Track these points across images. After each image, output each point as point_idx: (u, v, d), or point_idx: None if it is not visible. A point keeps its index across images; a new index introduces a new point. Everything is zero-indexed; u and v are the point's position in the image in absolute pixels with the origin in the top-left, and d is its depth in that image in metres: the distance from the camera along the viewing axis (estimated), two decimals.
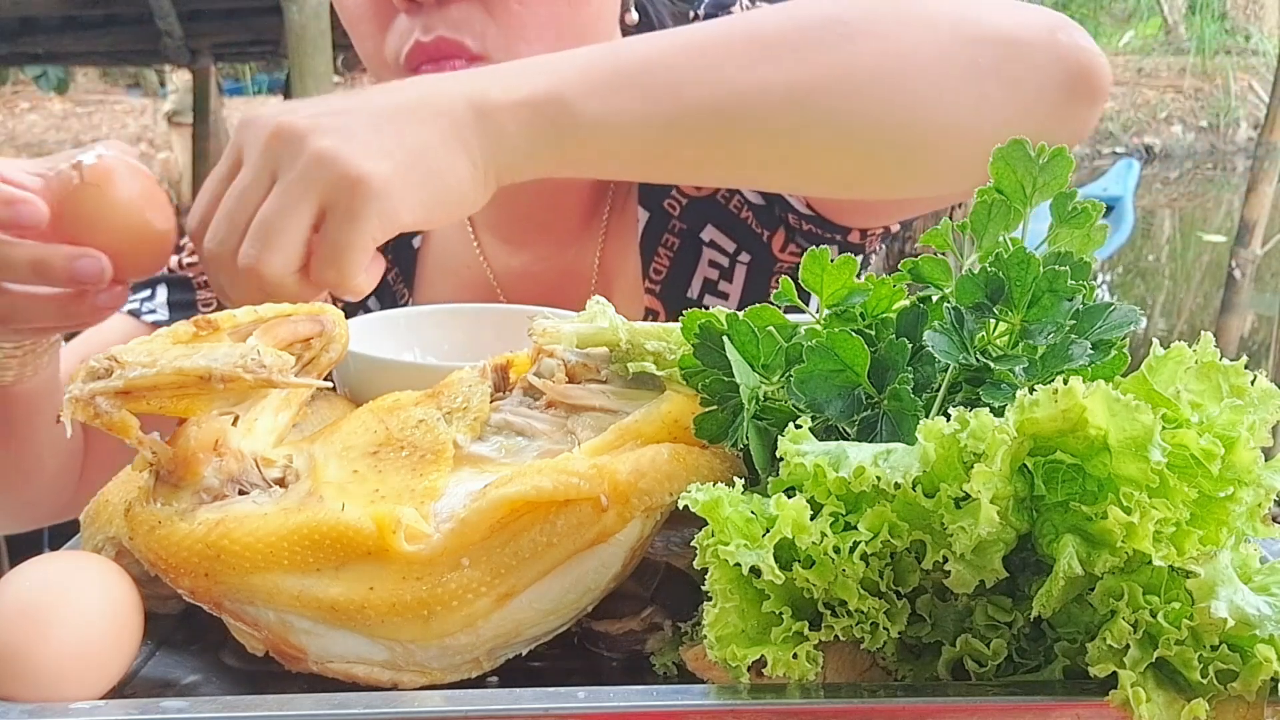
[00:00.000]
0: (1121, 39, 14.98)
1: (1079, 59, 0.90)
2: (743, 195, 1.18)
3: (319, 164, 0.77)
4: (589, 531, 0.60)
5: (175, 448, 0.65)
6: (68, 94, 13.00)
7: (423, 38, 1.03)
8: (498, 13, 1.04)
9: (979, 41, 0.89)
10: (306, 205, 0.78)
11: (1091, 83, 0.91)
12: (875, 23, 0.89)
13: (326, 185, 0.77)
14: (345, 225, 0.78)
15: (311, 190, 0.77)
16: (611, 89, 0.86)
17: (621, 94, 0.86)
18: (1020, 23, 0.90)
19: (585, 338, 0.72)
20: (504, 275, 1.25)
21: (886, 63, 0.88)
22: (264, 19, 6.49)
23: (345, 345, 0.80)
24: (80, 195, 0.81)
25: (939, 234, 0.67)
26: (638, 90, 0.86)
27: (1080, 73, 0.90)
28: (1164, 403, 0.54)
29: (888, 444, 0.57)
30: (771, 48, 0.88)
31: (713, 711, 0.54)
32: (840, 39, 0.88)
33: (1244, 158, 11.78)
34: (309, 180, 0.77)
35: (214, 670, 0.65)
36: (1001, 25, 0.90)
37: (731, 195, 1.19)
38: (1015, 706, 0.53)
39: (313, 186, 0.77)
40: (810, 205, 1.13)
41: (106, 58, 8.65)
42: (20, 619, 0.57)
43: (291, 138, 0.78)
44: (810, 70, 0.87)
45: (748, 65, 0.87)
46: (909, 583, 0.56)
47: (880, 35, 0.88)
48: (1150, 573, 0.53)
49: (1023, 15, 0.91)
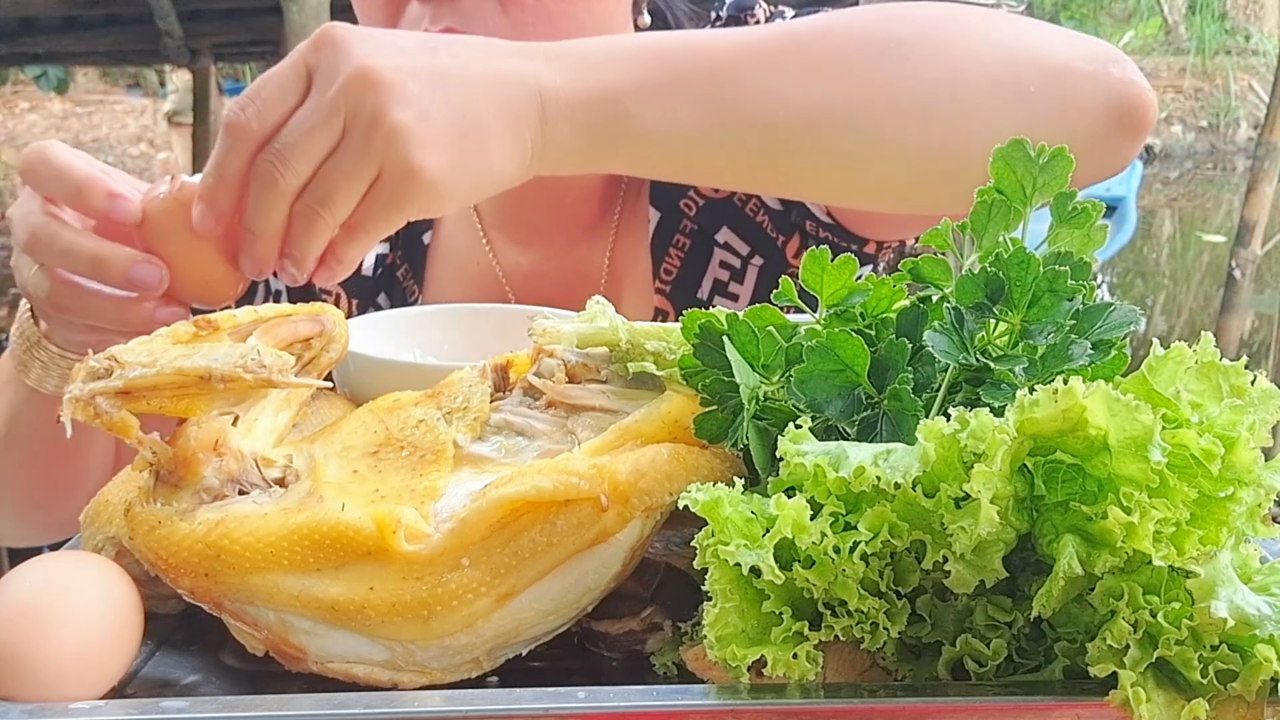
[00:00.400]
0: (1121, 39, 14.97)
1: (1128, 93, 0.91)
2: (760, 200, 1.19)
3: (389, 140, 0.77)
4: (589, 531, 0.60)
5: (175, 448, 0.65)
6: (68, 94, 13.01)
7: (430, 27, 1.03)
8: (510, 7, 1.04)
9: (1031, 68, 0.89)
10: (367, 173, 0.79)
11: (1137, 117, 0.92)
12: (933, 45, 0.90)
13: (387, 162, 0.78)
14: (387, 206, 0.80)
15: (375, 162, 0.78)
16: (672, 96, 0.86)
17: (681, 103, 0.87)
18: (1073, 53, 0.91)
19: (585, 338, 0.72)
20: (513, 273, 1.25)
21: (941, 87, 0.89)
22: (264, 19, 6.49)
23: (345, 345, 0.80)
24: (164, 209, 0.83)
25: (939, 234, 0.67)
26: (697, 100, 0.87)
27: (1128, 107, 0.91)
28: (1164, 403, 0.54)
29: (888, 444, 0.57)
30: (832, 67, 0.89)
31: (713, 711, 0.54)
32: (899, 61, 0.89)
33: (1244, 158, 11.78)
34: (375, 152, 0.78)
35: (214, 670, 0.65)
36: (1055, 54, 0.91)
37: (748, 199, 1.19)
38: (1015, 706, 0.53)
39: (377, 158, 0.78)
40: (831, 214, 1.14)
41: (106, 58, 8.65)
42: (20, 619, 0.57)
43: (373, 89, 0.78)
44: (869, 93, 0.88)
45: (809, 84, 0.88)
46: (909, 583, 0.56)
47: (937, 58, 0.90)
48: (1150, 573, 0.53)
49: (1076, 46, 0.92)
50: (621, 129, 0.86)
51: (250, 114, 0.79)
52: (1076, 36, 0.94)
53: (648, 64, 0.87)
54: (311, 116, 0.79)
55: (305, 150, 0.78)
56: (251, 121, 0.79)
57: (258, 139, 0.79)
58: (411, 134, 0.78)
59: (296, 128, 0.79)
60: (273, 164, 0.78)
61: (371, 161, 0.78)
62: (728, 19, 1.21)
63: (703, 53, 0.89)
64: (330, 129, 0.78)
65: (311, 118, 0.79)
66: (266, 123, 0.79)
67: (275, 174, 0.78)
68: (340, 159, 0.78)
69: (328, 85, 0.78)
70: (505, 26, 1.04)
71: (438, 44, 0.83)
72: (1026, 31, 0.93)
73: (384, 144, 0.77)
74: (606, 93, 0.85)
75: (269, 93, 0.79)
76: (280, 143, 0.79)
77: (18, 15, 6.33)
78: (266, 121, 0.79)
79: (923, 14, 0.95)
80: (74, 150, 0.89)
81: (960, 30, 0.92)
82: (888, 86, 0.89)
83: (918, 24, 0.92)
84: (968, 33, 0.92)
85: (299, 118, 0.79)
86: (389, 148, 0.78)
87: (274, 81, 0.80)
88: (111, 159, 12.13)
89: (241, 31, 7.19)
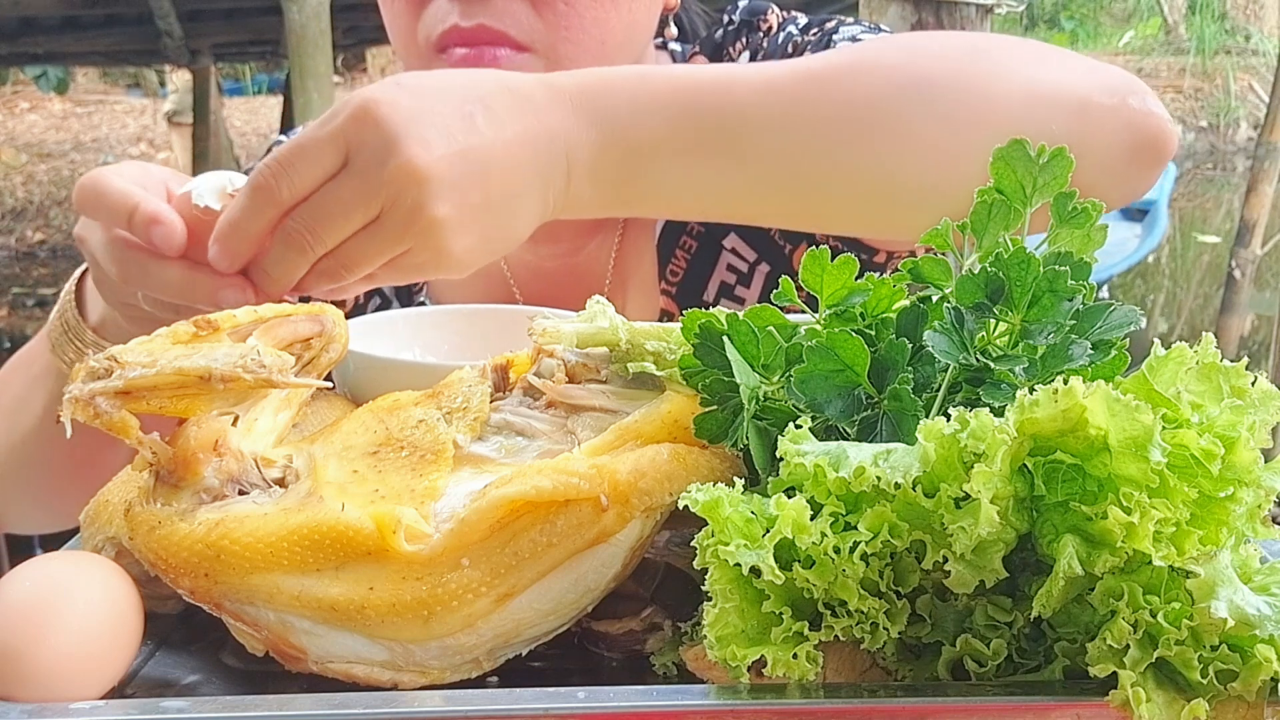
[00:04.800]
0: (1121, 39, 14.98)
1: (1148, 125, 0.91)
2: None
3: (427, 232, 0.79)
4: (589, 531, 0.60)
5: (175, 448, 0.65)
6: (68, 94, 13.02)
7: (463, 23, 1.03)
8: (542, 9, 1.04)
9: (1052, 106, 0.89)
10: (394, 248, 0.81)
11: (1156, 149, 0.91)
12: (960, 84, 0.90)
13: (419, 246, 0.80)
14: (407, 273, 0.83)
15: (405, 240, 0.80)
16: (696, 155, 0.87)
17: (704, 160, 0.87)
18: (1093, 86, 0.91)
19: (585, 338, 0.72)
20: (519, 270, 1.25)
21: (965, 130, 0.88)
22: (264, 19, 6.50)
23: (345, 345, 0.80)
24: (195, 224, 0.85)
25: (939, 234, 0.67)
26: (721, 156, 0.88)
27: (1148, 140, 0.91)
28: (1164, 403, 0.54)
29: (888, 444, 0.57)
30: (857, 111, 0.89)
31: (713, 711, 0.54)
32: (927, 103, 0.89)
33: (1244, 158, 11.79)
34: (410, 237, 0.80)
35: (214, 670, 0.65)
36: (1076, 89, 0.90)
37: None
38: (1015, 706, 0.53)
39: (408, 238, 0.80)
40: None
41: (106, 58, 8.66)
42: (20, 619, 0.57)
43: (417, 187, 0.78)
44: (895, 141, 0.89)
45: (834, 130, 0.89)
46: (909, 583, 0.56)
47: (964, 98, 0.89)
48: (1150, 573, 0.53)
49: (1096, 78, 0.92)
50: (643, 186, 0.87)
51: (281, 181, 0.79)
52: (1095, 66, 0.94)
53: (673, 121, 0.87)
54: (350, 198, 0.79)
55: (338, 227, 0.80)
56: (282, 190, 0.79)
57: (285, 206, 0.80)
58: (449, 225, 0.80)
59: (333, 201, 0.79)
60: (303, 232, 0.80)
61: (404, 244, 0.80)
62: (740, 23, 1.21)
63: (728, 104, 0.88)
64: (367, 212, 0.80)
65: (350, 199, 0.79)
66: (297, 192, 0.80)
67: (305, 242, 0.80)
68: (374, 236, 0.80)
69: (369, 171, 0.79)
70: (538, 28, 1.04)
71: (474, 108, 0.82)
72: (1047, 64, 0.93)
73: (421, 234, 0.80)
74: (630, 152, 0.86)
75: (303, 166, 0.79)
76: (313, 213, 0.80)
77: (18, 15, 6.33)
78: (297, 191, 0.80)
79: (946, 50, 0.95)
80: (121, 173, 0.90)
81: (986, 68, 0.91)
82: (911, 132, 0.89)
83: (943, 61, 0.92)
84: (994, 71, 0.91)
85: (336, 191, 0.79)
86: (425, 237, 0.80)
87: (310, 153, 0.80)
88: (111, 159, 12.13)
89: (241, 31, 7.20)
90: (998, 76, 0.91)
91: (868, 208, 0.93)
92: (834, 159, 0.89)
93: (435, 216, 0.79)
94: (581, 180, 0.86)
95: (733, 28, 1.21)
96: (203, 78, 8.17)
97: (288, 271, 0.81)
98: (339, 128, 0.79)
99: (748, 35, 1.21)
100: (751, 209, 0.94)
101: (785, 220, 0.99)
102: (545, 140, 0.84)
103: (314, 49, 5.20)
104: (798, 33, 1.17)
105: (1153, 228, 7.39)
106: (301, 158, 0.79)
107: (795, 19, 1.19)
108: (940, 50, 0.95)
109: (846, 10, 7.07)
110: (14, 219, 10.53)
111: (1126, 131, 0.90)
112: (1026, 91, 0.90)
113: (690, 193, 0.89)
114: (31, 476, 1.14)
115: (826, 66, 0.92)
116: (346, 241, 0.80)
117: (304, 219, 0.80)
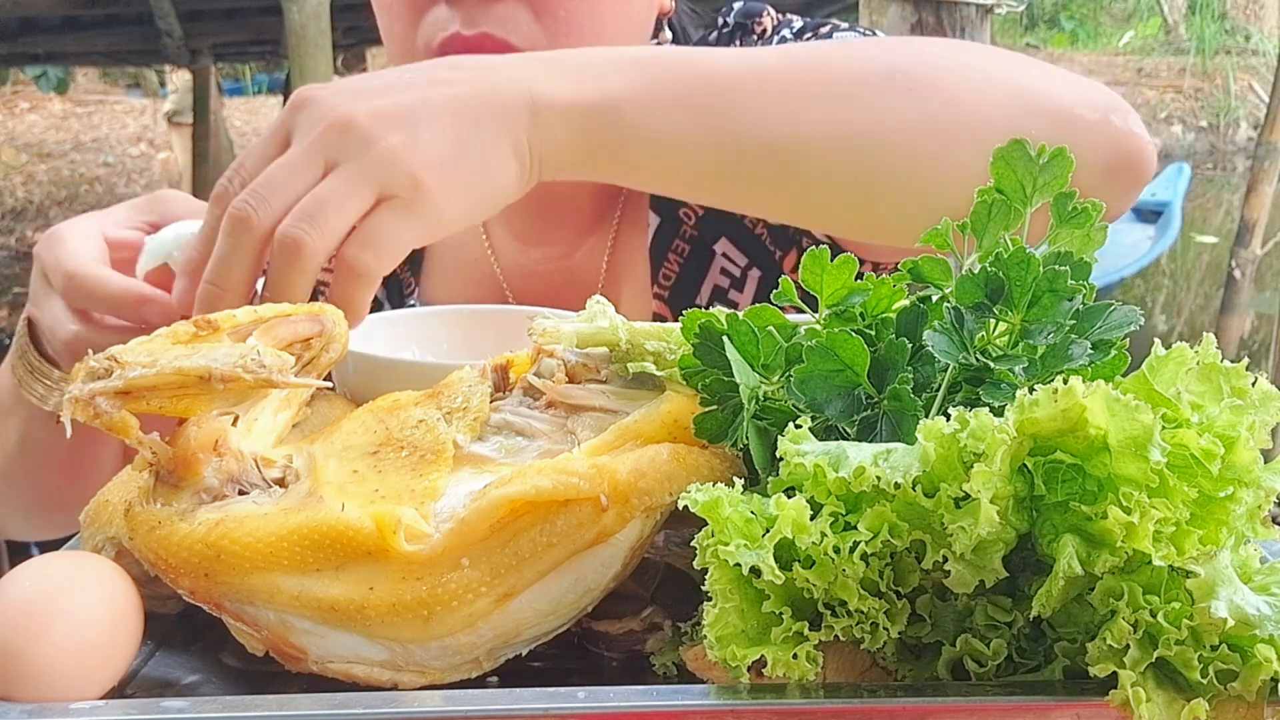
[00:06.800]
0: (1121, 39, 14.99)
1: (1128, 144, 0.90)
2: None
3: (385, 161, 0.78)
4: (589, 531, 0.60)
5: (175, 448, 0.65)
6: (68, 94, 13.02)
7: (465, 30, 1.03)
8: (543, 16, 1.04)
9: (1032, 113, 0.89)
10: (366, 193, 0.78)
11: (1135, 169, 0.91)
12: (938, 79, 0.90)
13: (389, 181, 0.78)
14: (399, 221, 0.80)
15: (373, 182, 0.78)
16: (671, 106, 0.86)
17: (679, 113, 0.87)
18: (1076, 100, 0.90)
19: (585, 338, 0.72)
20: (511, 272, 1.25)
21: (941, 123, 0.88)
22: (264, 19, 6.50)
23: (345, 345, 0.79)
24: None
25: (939, 234, 0.67)
26: (696, 113, 0.87)
27: (1127, 158, 0.90)
28: (1164, 403, 0.54)
29: (888, 444, 0.57)
30: (835, 92, 0.89)
31: (713, 711, 0.54)
32: (903, 92, 0.89)
33: (1244, 158, 11.78)
34: (371, 173, 0.78)
35: (214, 670, 0.65)
36: (1059, 100, 0.90)
37: None
38: (1015, 706, 0.53)
39: (374, 179, 0.78)
40: (829, 234, 1.14)
41: (106, 58, 8.66)
42: (20, 619, 0.57)
43: (354, 131, 0.78)
44: (871, 121, 0.88)
45: (810, 108, 0.88)
46: (909, 583, 0.56)
47: (940, 92, 0.89)
48: (1150, 573, 0.53)
49: (1079, 92, 0.91)
50: (619, 135, 0.85)
51: (235, 183, 0.80)
52: (1079, 82, 0.93)
53: (648, 73, 0.87)
54: (288, 158, 0.79)
55: (288, 185, 0.78)
56: (234, 188, 0.80)
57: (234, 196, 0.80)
58: (406, 151, 0.78)
59: (278, 169, 0.79)
60: (245, 202, 0.79)
61: (367, 179, 0.78)
62: (734, 25, 1.21)
63: (705, 68, 0.89)
64: (312, 166, 0.79)
65: (289, 159, 0.79)
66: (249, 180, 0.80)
67: (248, 211, 0.78)
68: (330, 182, 0.78)
69: (306, 138, 0.79)
70: (539, 34, 1.04)
71: (419, 76, 0.83)
72: (1031, 75, 0.93)
73: (378, 166, 0.78)
74: (604, 98, 0.85)
75: (251, 161, 0.81)
76: (267, 187, 0.79)
77: (18, 15, 6.33)
78: (249, 179, 0.80)
79: (930, 49, 0.95)
80: (94, 259, 0.91)
81: (967, 68, 0.91)
82: (890, 120, 0.88)
83: (923, 57, 0.92)
84: (974, 72, 0.91)
85: (280, 163, 0.79)
86: (385, 169, 0.78)
87: (255, 150, 0.81)
88: (111, 159, 12.14)
89: (241, 31, 7.20)
90: (980, 78, 0.91)
91: (838, 193, 0.92)
92: (809, 139, 0.88)
93: (387, 146, 0.78)
94: (554, 126, 0.84)
95: (727, 30, 1.21)
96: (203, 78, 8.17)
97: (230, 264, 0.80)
98: (277, 120, 0.81)
99: (742, 38, 1.21)
100: (730, 181, 0.92)
101: (760, 201, 0.97)
102: (502, 86, 0.83)
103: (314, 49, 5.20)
104: (792, 36, 1.17)
105: (1166, 229, 7.37)
106: (249, 158, 0.81)
107: (790, 22, 1.19)
108: (924, 47, 0.96)
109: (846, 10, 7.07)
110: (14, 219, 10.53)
111: (1107, 147, 0.89)
112: (1008, 95, 0.90)
113: (669, 150, 0.87)
114: (16, 495, 1.15)
115: (807, 49, 0.93)
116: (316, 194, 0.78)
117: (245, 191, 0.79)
